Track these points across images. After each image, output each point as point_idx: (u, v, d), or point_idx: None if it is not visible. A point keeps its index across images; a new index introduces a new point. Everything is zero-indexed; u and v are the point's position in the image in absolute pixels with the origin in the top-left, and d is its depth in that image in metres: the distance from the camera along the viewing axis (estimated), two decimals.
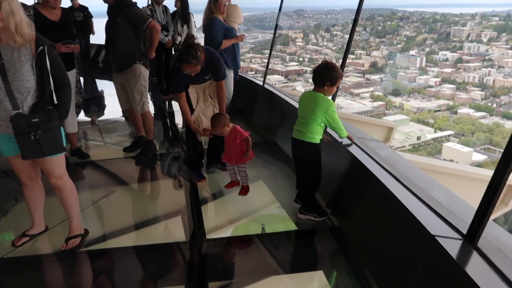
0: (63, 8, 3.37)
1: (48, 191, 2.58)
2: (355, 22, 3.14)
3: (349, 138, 2.76)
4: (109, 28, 3.62)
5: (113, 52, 3.67)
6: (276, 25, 4.83)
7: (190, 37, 2.91)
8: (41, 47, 2.10)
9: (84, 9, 7.99)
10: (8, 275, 2.39)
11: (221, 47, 3.87)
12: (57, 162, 2.33)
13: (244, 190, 3.12)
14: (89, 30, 8.21)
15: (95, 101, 6.52)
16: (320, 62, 2.64)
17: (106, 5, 3.59)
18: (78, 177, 3.64)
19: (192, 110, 3.17)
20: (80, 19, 7.56)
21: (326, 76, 2.54)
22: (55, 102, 2.19)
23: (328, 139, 2.82)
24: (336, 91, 3.05)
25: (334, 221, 2.76)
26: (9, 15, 1.97)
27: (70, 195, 2.47)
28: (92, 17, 8.21)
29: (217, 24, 3.88)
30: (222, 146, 3.09)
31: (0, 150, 2.30)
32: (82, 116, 5.38)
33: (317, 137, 2.63)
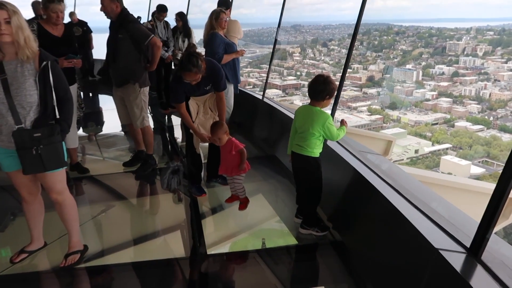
0: (65, 24, 3.41)
1: (46, 206, 2.56)
2: (354, 37, 3.17)
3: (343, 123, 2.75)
4: (111, 43, 3.66)
5: (114, 67, 3.70)
6: (275, 39, 4.89)
7: (191, 46, 2.94)
8: (44, 62, 2.12)
9: (83, 24, 8.03)
10: None
11: (222, 62, 3.91)
12: (58, 177, 2.33)
13: (244, 205, 3.10)
14: (88, 45, 8.24)
15: (94, 116, 6.52)
16: (314, 77, 2.62)
17: (108, 20, 3.64)
18: (78, 192, 3.62)
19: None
20: (78, 34, 7.60)
21: (325, 91, 2.56)
22: (57, 116, 2.20)
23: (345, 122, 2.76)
24: (336, 103, 3.08)
25: (336, 235, 2.75)
26: (18, 29, 2.01)
27: (70, 210, 2.46)
28: (91, 32, 8.24)
29: (218, 39, 3.93)
30: None
31: (0, 165, 2.29)
32: (81, 131, 5.38)
33: (316, 151, 2.64)
